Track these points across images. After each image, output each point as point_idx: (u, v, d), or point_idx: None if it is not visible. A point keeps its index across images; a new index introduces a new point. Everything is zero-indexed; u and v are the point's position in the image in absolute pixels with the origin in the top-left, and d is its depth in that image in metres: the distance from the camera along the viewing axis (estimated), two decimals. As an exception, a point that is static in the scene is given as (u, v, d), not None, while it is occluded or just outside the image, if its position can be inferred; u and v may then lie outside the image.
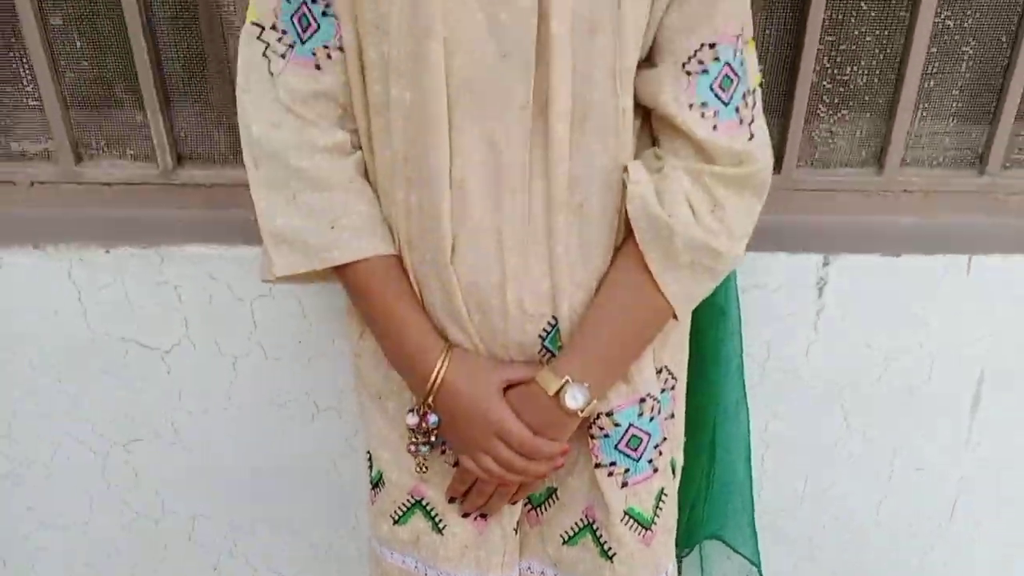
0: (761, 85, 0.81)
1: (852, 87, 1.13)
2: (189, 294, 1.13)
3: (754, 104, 0.80)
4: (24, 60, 1.10)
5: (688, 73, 0.76)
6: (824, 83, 1.13)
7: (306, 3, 0.78)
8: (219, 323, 1.15)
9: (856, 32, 1.10)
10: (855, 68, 1.12)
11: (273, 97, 0.79)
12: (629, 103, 0.77)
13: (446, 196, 0.76)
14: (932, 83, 1.13)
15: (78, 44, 1.10)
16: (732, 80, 0.77)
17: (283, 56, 0.79)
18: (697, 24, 0.75)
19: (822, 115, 1.15)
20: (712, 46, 0.76)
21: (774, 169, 0.84)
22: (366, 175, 0.83)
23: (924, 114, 1.16)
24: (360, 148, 0.82)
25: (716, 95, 0.77)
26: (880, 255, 1.14)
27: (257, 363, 1.17)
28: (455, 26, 0.72)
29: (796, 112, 1.12)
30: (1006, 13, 1.09)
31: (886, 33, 1.10)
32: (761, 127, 0.80)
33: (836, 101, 1.14)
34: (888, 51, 1.11)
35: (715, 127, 0.77)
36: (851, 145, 1.17)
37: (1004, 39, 1.11)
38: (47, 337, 1.16)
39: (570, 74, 0.73)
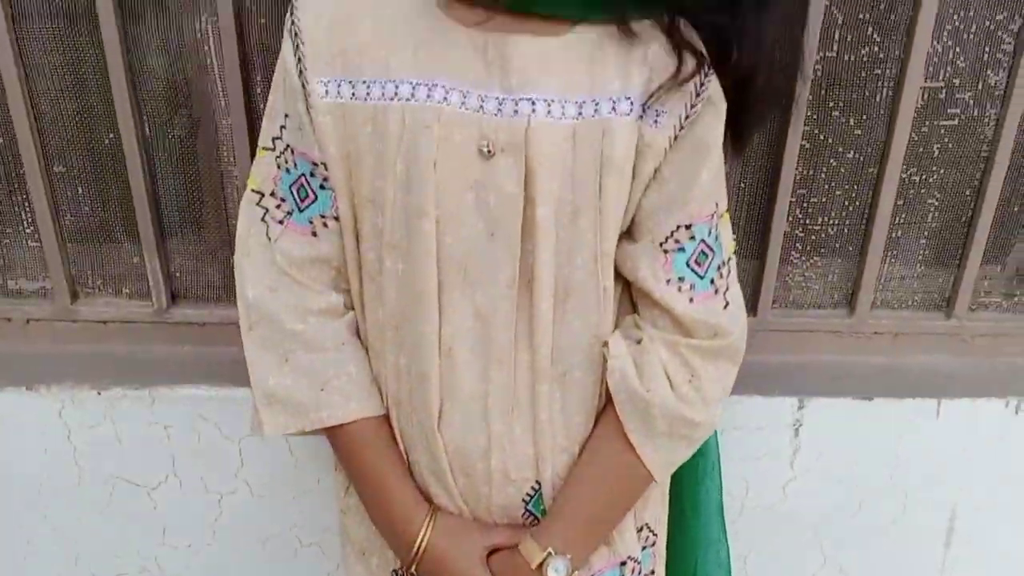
0: (736, 253, 0.85)
1: (823, 235, 1.18)
2: (178, 433, 1.14)
3: (728, 273, 0.83)
4: (26, 204, 1.13)
5: (665, 252, 0.80)
6: (797, 232, 1.18)
7: (304, 175, 0.81)
8: (206, 461, 1.16)
9: (826, 186, 1.15)
10: (826, 219, 1.17)
11: (270, 261, 0.82)
12: (610, 283, 0.80)
13: (435, 363, 0.79)
14: (900, 232, 1.19)
15: (79, 190, 1.13)
16: (707, 255, 0.81)
17: (281, 222, 0.82)
18: (674, 207, 0.79)
19: (795, 261, 1.20)
20: (688, 227, 0.79)
21: (749, 312, 0.88)
22: (358, 333, 0.86)
23: (893, 259, 1.21)
24: (352, 308, 0.85)
25: (692, 270, 0.81)
26: (853, 398, 1.17)
27: (243, 500, 1.18)
28: (446, 206, 0.76)
29: (770, 259, 1.16)
30: (969, 169, 1.15)
31: (855, 187, 1.15)
32: (735, 295, 0.84)
33: (808, 248, 1.19)
34: (857, 203, 1.16)
35: (691, 299, 0.80)
36: (823, 288, 1.22)
37: (968, 192, 1.17)
38: (34, 473, 1.17)
39: (553, 255, 0.77)
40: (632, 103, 0.77)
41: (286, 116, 0.81)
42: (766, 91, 0.82)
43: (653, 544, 0.94)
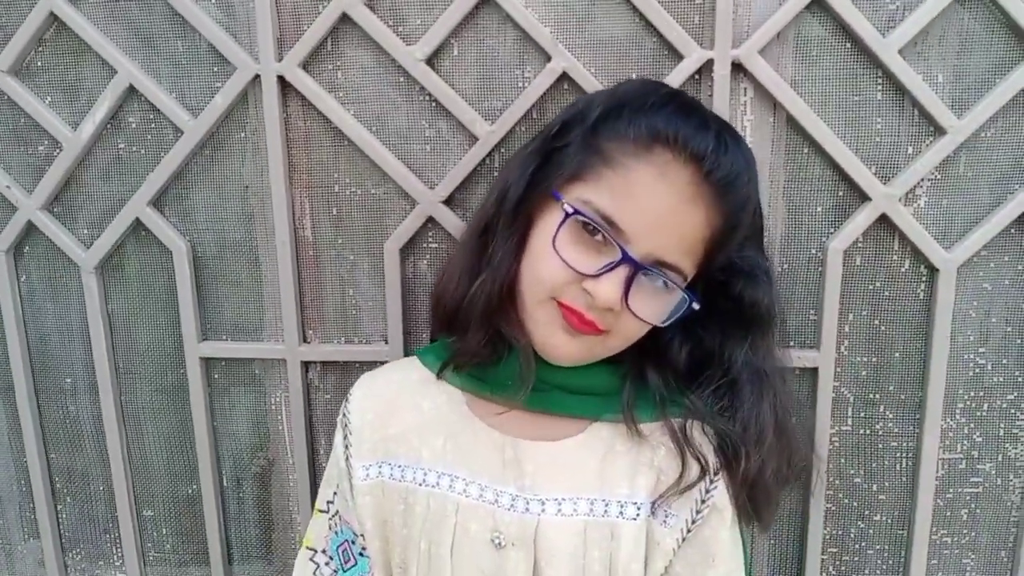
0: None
1: (860, 593, 1.19)
2: None
3: None
4: (118, 543, 1.28)
5: None
6: (833, 588, 1.19)
7: (348, 541, 0.92)
8: None
9: (856, 546, 1.17)
10: (861, 573, 1.18)
11: None
12: None
13: None
14: (940, 591, 1.18)
15: (164, 531, 1.28)
16: None
17: None
18: None
19: (834, 616, 1.20)
20: None
21: None
22: None
23: (936, 615, 1.19)
24: None
25: None
26: None
27: None
28: None
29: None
30: (1001, 532, 1.15)
31: (887, 547, 1.17)
32: None
33: (847, 605, 1.20)
34: (890, 562, 1.17)
35: None
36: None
37: (1003, 554, 1.16)
38: None
39: None
40: (639, 507, 0.82)
41: (338, 486, 0.93)
42: (774, 481, 0.87)
43: None
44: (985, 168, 1.04)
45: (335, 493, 0.94)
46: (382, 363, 1.12)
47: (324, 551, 0.94)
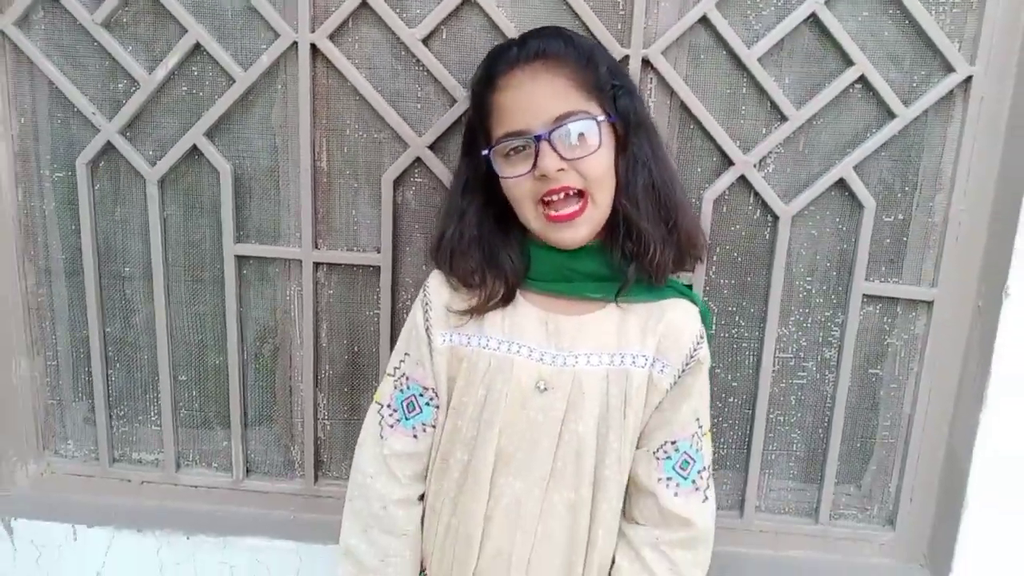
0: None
1: (717, 455, 1.61)
2: (240, 573, 1.58)
3: (709, 476, 1.17)
4: (155, 402, 1.64)
5: (657, 458, 1.14)
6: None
7: (415, 395, 1.17)
8: (258, 597, 1.59)
9: (715, 420, 1.59)
10: (717, 444, 1.61)
11: (377, 452, 1.17)
12: (626, 477, 1.15)
13: (479, 525, 1.11)
14: (772, 456, 1.61)
15: (194, 393, 1.64)
16: (690, 463, 1.14)
17: (391, 426, 1.18)
18: (663, 426, 1.14)
19: (697, 472, 1.62)
20: (673, 442, 1.13)
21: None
22: (421, 522, 1.19)
23: (770, 476, 1.62)
24: (422, 499, 1.19)
25: (677, 472, 1.14)
26: (736, 581, 1.56)
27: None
28: (508, 418, 1.10)
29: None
30: (820, 415, 1.59)
31: (737, 422, 1.60)
32: (712, 492, 1.17)
33: (706, 463, 1.62)
34: (739, 432, 1.60)
35: (676, 493, 1.13)
36: (720, 494, 1.63)
37: (820, 431, 1.60)
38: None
39: (592, 457, 1.11)
40: (646, 359, 1.12)
41: (406, 354, 1.19)
42: (664, 241, 1.14)
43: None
44: (816, 146, 1.46)
45: (402, 361, 1.19)
46: (376, 267, 1.51)
47: (389, 405, 1.19)
